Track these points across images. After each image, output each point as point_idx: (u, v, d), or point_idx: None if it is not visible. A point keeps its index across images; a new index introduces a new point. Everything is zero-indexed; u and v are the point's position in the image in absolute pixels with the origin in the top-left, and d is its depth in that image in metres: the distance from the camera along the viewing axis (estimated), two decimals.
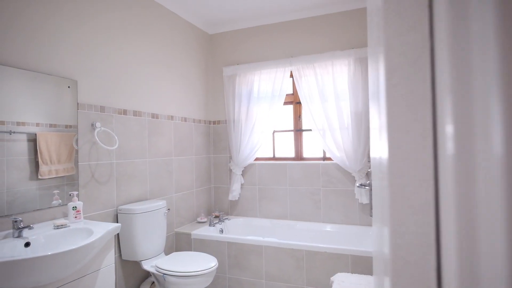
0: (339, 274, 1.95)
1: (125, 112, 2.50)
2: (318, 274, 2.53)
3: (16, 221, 1.65)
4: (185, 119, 3.26)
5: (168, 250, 2.94)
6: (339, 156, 3.10)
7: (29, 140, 1.85)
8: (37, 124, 1.90)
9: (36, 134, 1.88)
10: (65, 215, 2.02)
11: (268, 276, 2.70)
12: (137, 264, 2.54)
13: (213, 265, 2.29)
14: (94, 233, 1.75)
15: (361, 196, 3.01)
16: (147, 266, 2.39)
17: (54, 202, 1.98)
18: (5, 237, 1.65)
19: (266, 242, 2.71)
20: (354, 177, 3.12)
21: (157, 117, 2.85)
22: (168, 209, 2.66)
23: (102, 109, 2.31)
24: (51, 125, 1.97)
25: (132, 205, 2.42)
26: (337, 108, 3.11)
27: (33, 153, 1.87)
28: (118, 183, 2.42)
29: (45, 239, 1.72)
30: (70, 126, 2.08)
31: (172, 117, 3.05)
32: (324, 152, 3.35)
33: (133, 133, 2.58)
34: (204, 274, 2.22)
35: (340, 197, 3.17)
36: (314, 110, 3.21)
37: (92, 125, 2.21)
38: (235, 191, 3.50)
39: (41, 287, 1.49)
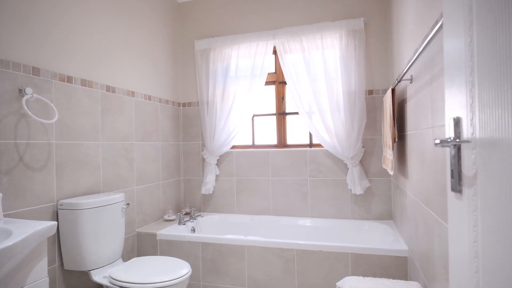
0: (347, 278, 1.55)
1: (69, 79, 1.95)
2: (312, 277, 2.12)
3: None
4: (149, 97, 2.72)
5: (127, 256, 2.40)
6: (330, 142, 2.72)
7: None
8: None
9: None
10: None
11: (251, 282, 2.25)
12: (85, 275, 1.99)
13: (185, 272, 1.81)
14: (13, 235, 1.21)
15: (354, 186, 2.65)
16: (99, 277, 1.85)
17: None
18: None
19: (249, 242, 2.26)
20: (346, 164, 2.75)
21: (113, 91, 2.30)
22: (127, 203, 2.13)
23: (36, 71, 1.74)
24: None
25: (79, 198, 1.87)
26: (327, 88, 2.73)
27: None
28: (60, 171, 1.86)
29: None
30: None
31: (133, 93, 2.51)
32: (310, 138, 2.95)
33: (81, 107, 2.02)
34: (173, 284, 1.72)
35: (331, 188, 2.79)
36: (300, 90, 2.80)
37: (20, 91, 1.64)
38: (209, 184, 3.02)
39: None
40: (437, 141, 0.67)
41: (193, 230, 2.73)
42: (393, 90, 1.93)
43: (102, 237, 1.90)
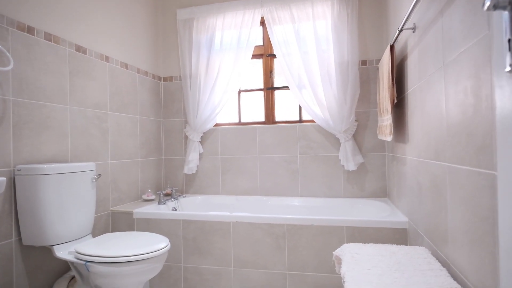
0: (346, 245, 1.38)
1: (31, 30, 1.71)
2: (304, 255, 1.94)
3: None
4: (127, 66, 2.49)
5: (99, 235, 2.17)
6: (322, 116, 2.56)
7: None
8: None
9: None
10: None
11: (237, 262, 2.06)
12: (47, 251, 1.76)
13: (162, 246, 1.60)
14: None
15: (347, 162, 2.49)
16: (63, 252, 1.62)
17: None
18: None
19: (235, 218, 2.07)
20: (338, 140, 2.59)
21: (84, 52, 2.07)
22: (99, 174, 1.90)
23: None
24: None
25: (41, 165, 1.64)
26: (319, 59, 2.56)
27: None
28: (18, 132, 1.63)
29: None
30: None
31: (107, 58, 2.28)
32: (300, 113, 2.78)
33: (44, 64, 1.78)
34: (148, 258, 1.51)
35: (322, 165, 2.63)
36: (291, 62, 2.63)
37: None
38: (192, 162, 2.81)
39: None
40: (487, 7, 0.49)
41: (175, 209, 2.52)
42: (391, 47, 1.78)
43: (67, 208, 1.67)
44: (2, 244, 1.53)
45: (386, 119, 1.94)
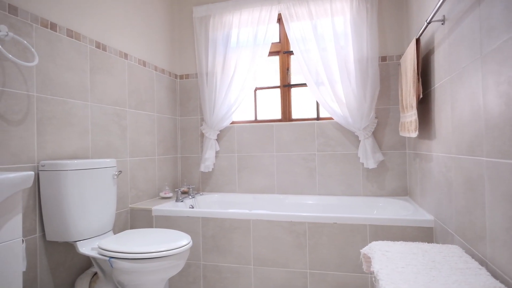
0: (375, 243, 1.34)
1: (53, 27, 1.71)
2: (325, 253, 1.91)
3: None
4: (144, 63, 2.49)
5: (119, 231, 2.17)
6: (340, 113, 2.52)
7: None
8: None
9: None
10: None
11: (257, 260, 2.03)
12: (70, 247, 1.76)
13: (185, 243, 1.58)
14: None
15: (367, 160, 2.45)
16: (86, 248, 1.62)
17: None
18: None
19: (254, 215, 2.04)
20: (357, 137, 2.55)
21: (104, 49, 2.07)
22: (120, 171, 1.90)
23: (13, 10, 1.50)
24: None
25: (65, 160, 1.64)
26: (338, 56, 2.52)
27: None
28: (41, 128, 1.63)
29: None
30: None
31: (126, 55, 2.28)
32: (318, 110, 2.75)
33: (66, 61, 1.79)
34: (171, 255, 1.50)
35: (340, 163, 2.59)
36: (308, 59, 2.60)
37: None
38: (208, 160, 2.79)
39: None
40: None
41: (192, 207, 2.50)
42: (417, 41, 1.74)
43: (90, 204, 1.67)
44: (27, 240, 1.54)
45: (410, 115, 1.89)
